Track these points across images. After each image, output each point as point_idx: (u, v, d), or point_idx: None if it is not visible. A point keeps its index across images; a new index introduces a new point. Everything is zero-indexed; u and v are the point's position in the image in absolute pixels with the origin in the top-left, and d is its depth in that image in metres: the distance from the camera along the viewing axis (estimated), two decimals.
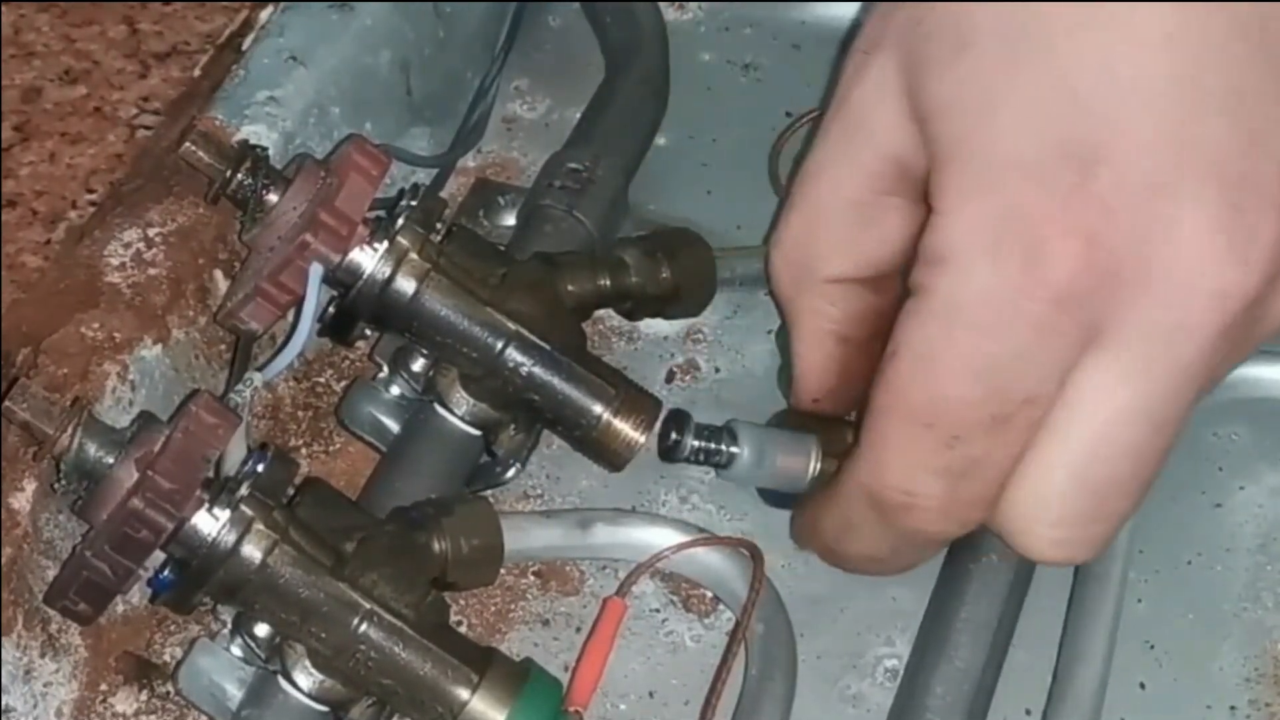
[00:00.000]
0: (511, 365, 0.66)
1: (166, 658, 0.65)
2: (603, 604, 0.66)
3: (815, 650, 0.66)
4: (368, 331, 0.67)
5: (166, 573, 0.60)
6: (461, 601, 0.67)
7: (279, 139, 0.71)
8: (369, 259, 0.65)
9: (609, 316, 0.74)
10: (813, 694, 0.65)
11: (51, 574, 0.61)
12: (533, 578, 0.68)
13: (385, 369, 0.68)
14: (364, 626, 0.60)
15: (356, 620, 0.60)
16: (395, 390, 0.68)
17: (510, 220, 0.75)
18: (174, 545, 0.59)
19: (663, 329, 0.74)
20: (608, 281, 0.69)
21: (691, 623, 0.67)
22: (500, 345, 0.66)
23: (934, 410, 0.58)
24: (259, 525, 0.59)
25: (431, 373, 0.67)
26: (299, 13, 0.74)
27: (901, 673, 0.65)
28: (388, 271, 0.65)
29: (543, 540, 0.68)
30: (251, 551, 0.59)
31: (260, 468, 0.60)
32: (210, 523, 0.59)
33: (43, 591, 0.61)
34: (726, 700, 0.64)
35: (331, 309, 0.66)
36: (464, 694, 0.60)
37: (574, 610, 0.67)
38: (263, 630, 0.60)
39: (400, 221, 0.65)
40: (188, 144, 0.66)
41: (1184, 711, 0.65)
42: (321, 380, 0.73)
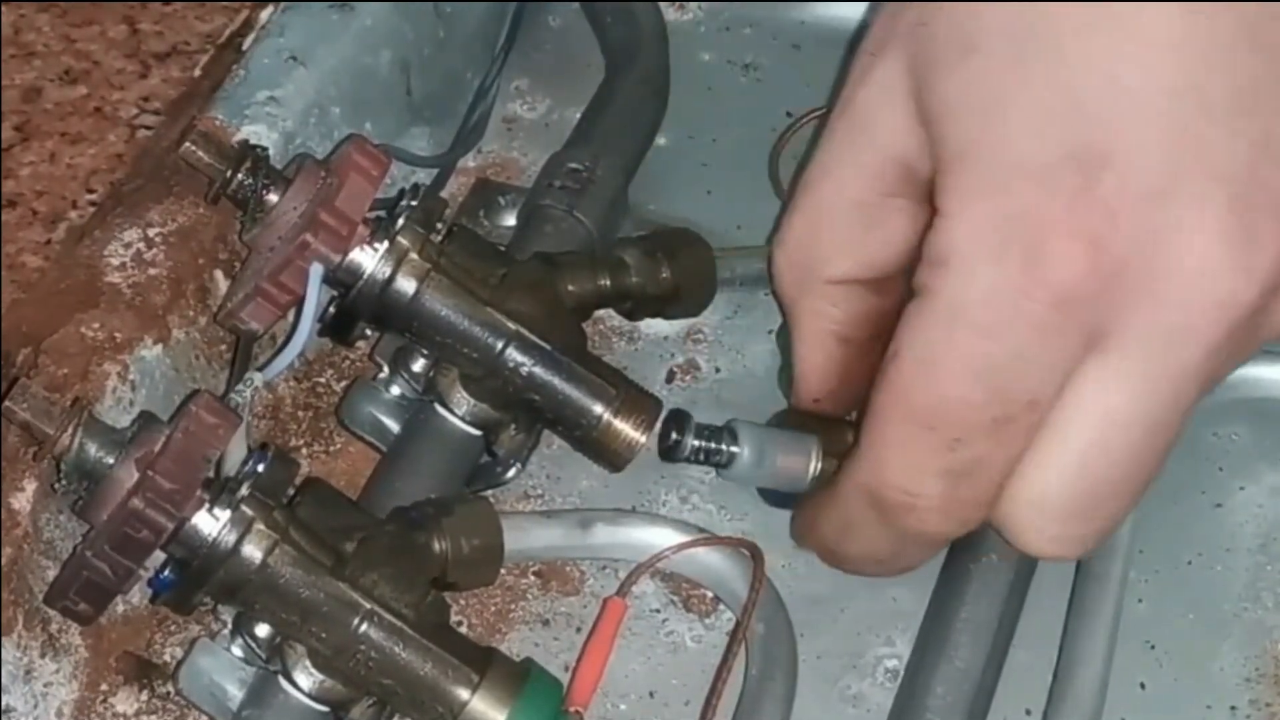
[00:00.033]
0: (512, 365, 0.66)
1: (167, 658, 0.65)
2: (603, 604, 0.66)
3: (816, 650, 0.66)
4: (368, 331, 0.67)
5: (167, 573, 0.60)
6: (462, 601, 0.67)
7: (279, 139, 0.71)
8: (369, 259, 0.65)
9: (609, 316, 0.74)
10: (813, 694, 0.65)
11: (52, 574, 0.61)
12: (533, 578, 0.68)
13: (386, 369, 0.68)
14: (364, 626, 0.60)
15: (357, 620, 0.60)
16: (396, 390, 0.68)
17: (510, 220, 0.75)
18: (174, 545, 0.59)
19: (663, 329, 0.74)
20: (608, 281, 0.69)
21: (692, 623, 0.67)
22: (500, 345, 0.66)
23: (935, 412, 0.58)
24: (259, 525, 0.59)
25: (432, 373, 0.67)
26: (299, 13, 0.74)
27: (902, 673, 0.65)
28: (388, 271, 0.65)
29: (543, 540, 0.67)
30: (252, 551, 0.59)
31: (261, 468, 0.60)
32: (211, 523, 0.59)
33: (43, 591, 0.61)
34: (727, 700, 0.64)
35: (332, 309, 0.66)
36: (464, 694, 0.60)
37: (574, 610, 0.67)
38: (263, 630, 0.60)
39: (400, 221, 0.65)
40: (188, 144, 0.66)
41: (1184, 711, 0.65)
42: (322, 380, 0.73)
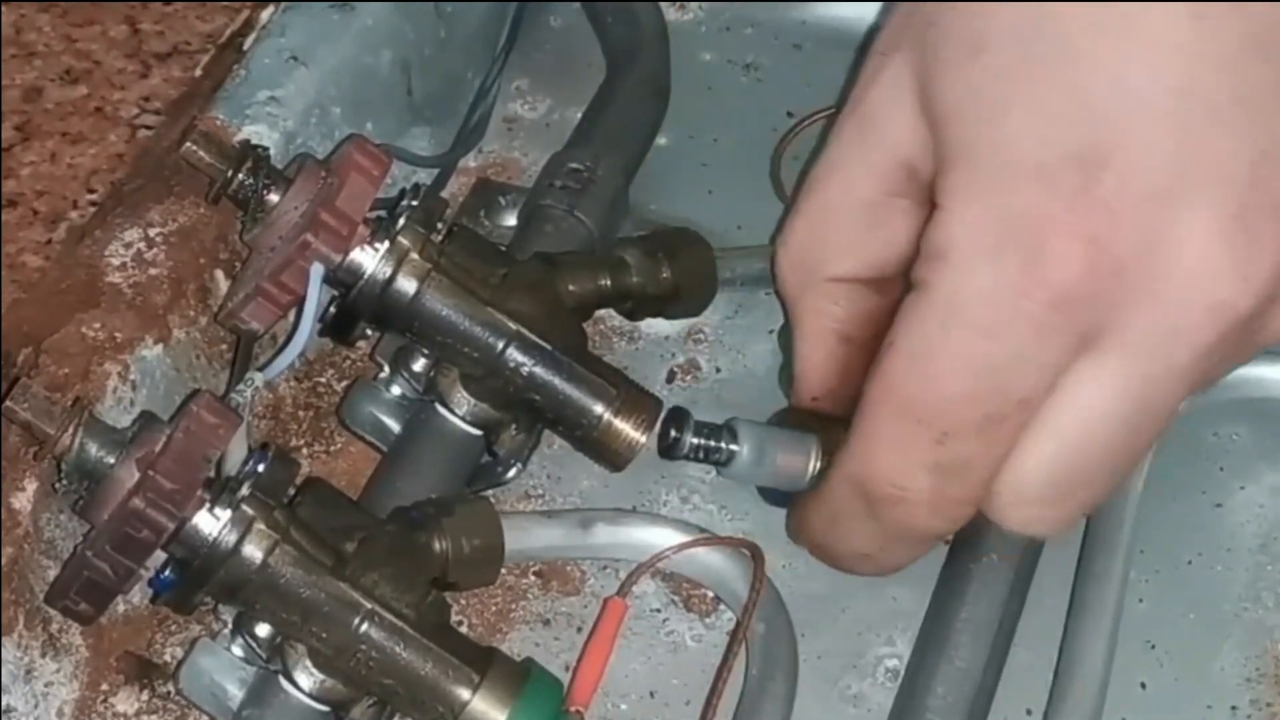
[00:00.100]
0: (512, 365, 0.66)
1: (167, 657, 0.65)
2: (604, 604, 0.66)
3: (816, 650, 0.66)
4: (369, 331, 0.67)
5: (167, 572, 0.60)
6: (462, 601, 0.67)
7: (280, 139, 0.71)
8: (370, 259, 0.65)
9: (610, 316, 0.74)
10: (813, 694, 0.65)
11: (52, 574, 0.61)
12: (534, 577, 0.68)
13: (386, 369, 0.68)
14: (365, 626, 0.60)
15: (357, 620, 0.60)
16: (396, 390, 0.68)
17: (511, 220, 0.75)
18: (175, 545, 0.59)
19: (663, 329, 0.74)
20: (608, 281, 0.69)
21: (692, 622, 0.67)
22: (501, 345, 0.66)
23: (927, 406, 0.58)
24: (260, 525, 0.59)
25: (432, 373, 0.67)
26: (300, 12, 0.74)
27: (902, 673, 0.65)
28: (389, 271, 0.65)
29: (544, 540, 0.68)
30: (252, 551, 0.59)
31: (261, 467, 0.60)
32: (211, 523, 0.59)
33: (44, 591, 0.61)
34: (727, 700, 0.64)
35: (332, 309, 0.66)
36: (465, 694, 0.60)
37: (575, 610, 0.67)
38: (264, 630, 0.60)
39: (401, 221, 0.65)
40: (189, 144, 0.66)
41: (1185, 711, 0.65)
42: (322, 380, 0.73)
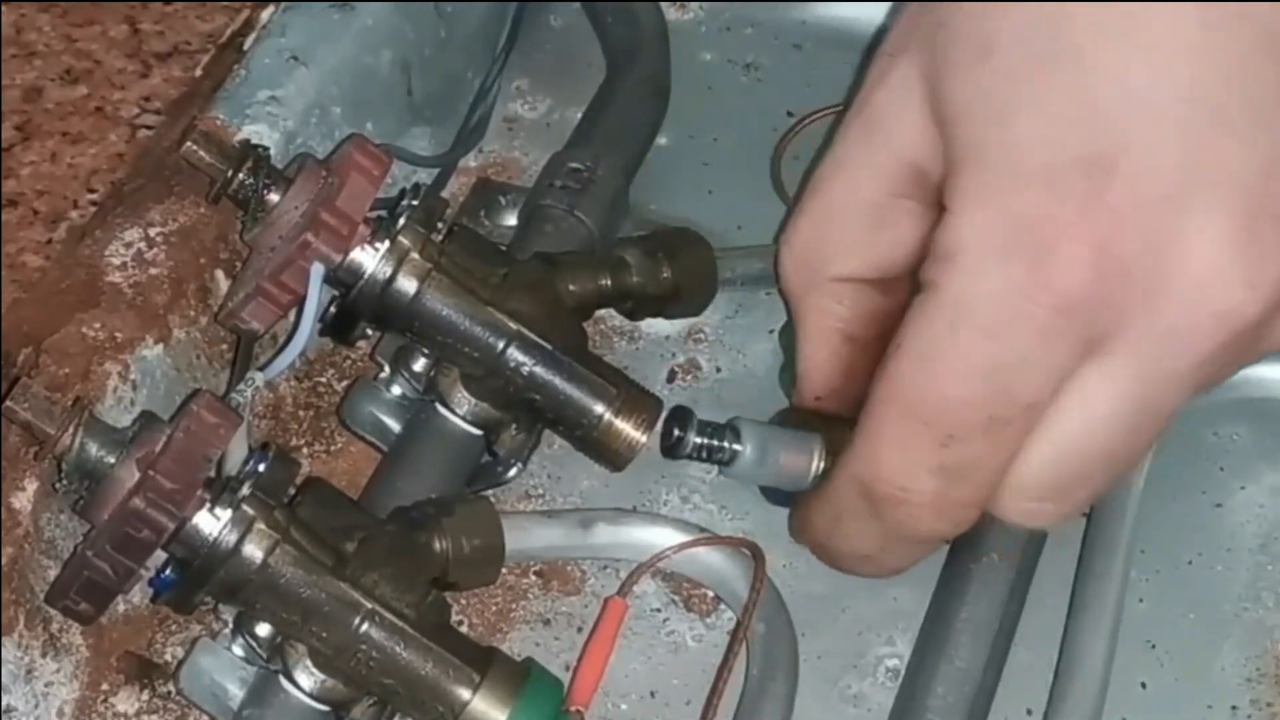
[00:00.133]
0: (513, 365, 0.66)
1: (168, 657, 0.65)
2: (604, 604, 0.66)
3: (816, 650, 0.66)
4: (369, 331, 0.67)
5: (168, 572, 0.60)
6: (463, 601, 0.67)
7: (280, 139, 0.71)
8: (370, 259, 0.65)
9: (610, 316, 0.74)
10: (814, 694, 0.65)
11: (53, 574, 0.61)
12: (534, 577, 0.68)
13: (386, 369, 0.68)
14: (365, 626, 0.60)
15: (358, 620, 0.60)
16: (396, 390, 0.68)
17: (511, 220, 0.75)
18: (175, 545, 0.59)
19: (664, 329, 0.74)
20: (609, 281, 0.69)
21: (693, 622, 0.67)
22: (501, 345, 0.66)
23: (932, 407, 0.58)
24: (260, 525, 0.59)
25: (433, 372, 0.67)
26: (300, 12, 0.74)
27: (902, 673, 0.65)
28: (389, 271, 0.65)
29: (544, 540, 0.68)
30: (253, 551, 0.59)
31: (261, 467, 0.60)
32: (212, 522, 0.59)
33: (44, 591, 0.61)
34: (728, 700, 0.64)
35: (333, 309, 0.66)
36: (465, 694, 0.60)
37: (575, 610, 0.67)
38: (264, 630, 0.60)
39: (401, 221, 0.65)
40: (189, 144, 0.66)
41: (1185, 711, 0.65)
42: (323, 380, 0.73)
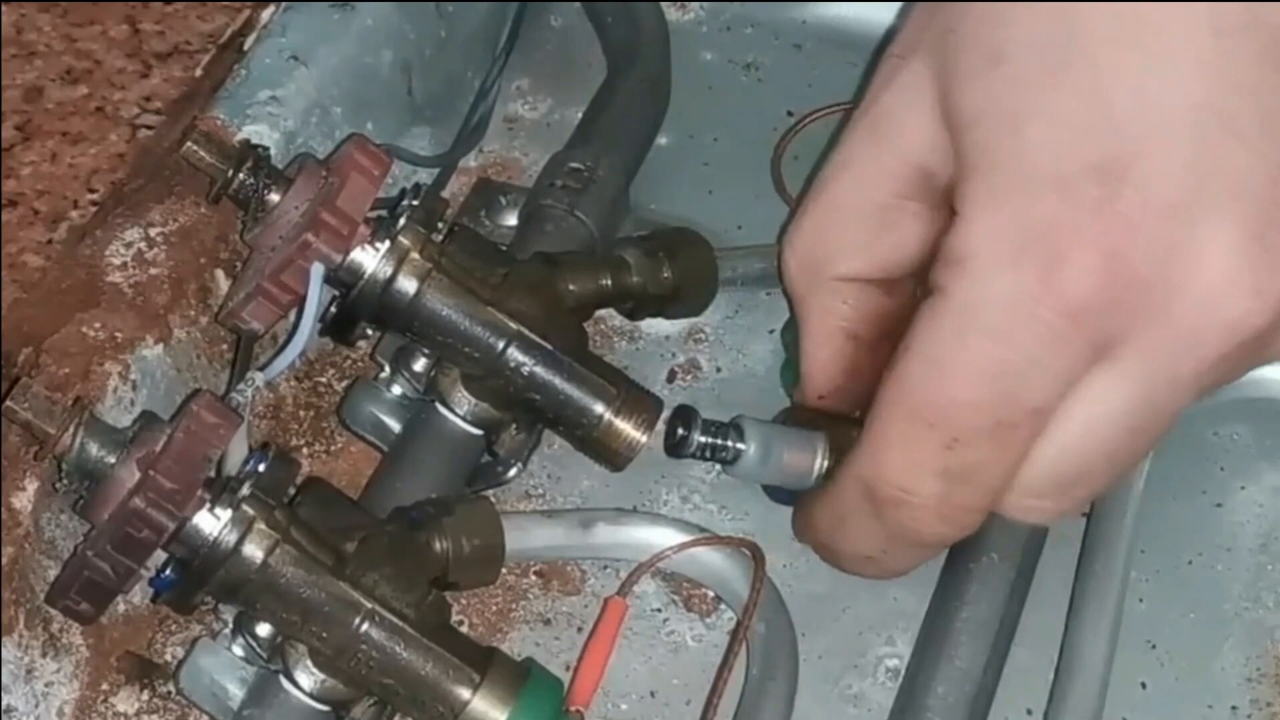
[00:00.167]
0: (513, 365, 0.66)
1: (168, 657, 0.65)
2: (604, 604, 0.66)
3: (816, 650, 0.66)
4: (369, 331, 0.67)
5: (168, 572, 0.60)
6: (463, 601, 0.67)
7: (280, 139, 0.71)
8: (370, 259, 0.65)
9: (610, 316, 0.74)
10: (814, 694, 0.65)
11: (53, 573, 0.61)
12: (534, 577, 0.68)
13: (387, 369, 0.68)
14: (365, 626, 0.60)
15: (358, 620, 0.60)
16: (397, 390, 0.68)
17: (512, 220, 0.75)
18: (175, 545, 0.59)
19: (664, 328, 0.74)
20: (609, 281, 0.69)
21: (693, 622, 0.67)
22: (502, 345, 0.65)
23: (939, 410, 0.58)
24: (260, 525, 0.59)
25: (433, 372, 0.67)
26: (300, 12, 0.74)
27: (903, 673, 0.65)
28: (389, 271, 0.65)
29: (544, 540, 0.68)
30: (253, 551, 0.59)
31: (261, 467, 0.60)
32: (212, 522, 0.59)
33: (44, 591, 0.61)
34: (728, 700, 0.64)
35: (333, 308, 0.66)
36: (465, 694, 0.60)
37: (575, 610, 0.67)
38: (264, 630, 0.60)
39: (402, 221, 0.65)
40: (189, 144, 0.66)
41: (1185, 711, 0.65)
42: (323, 380, 0.73)
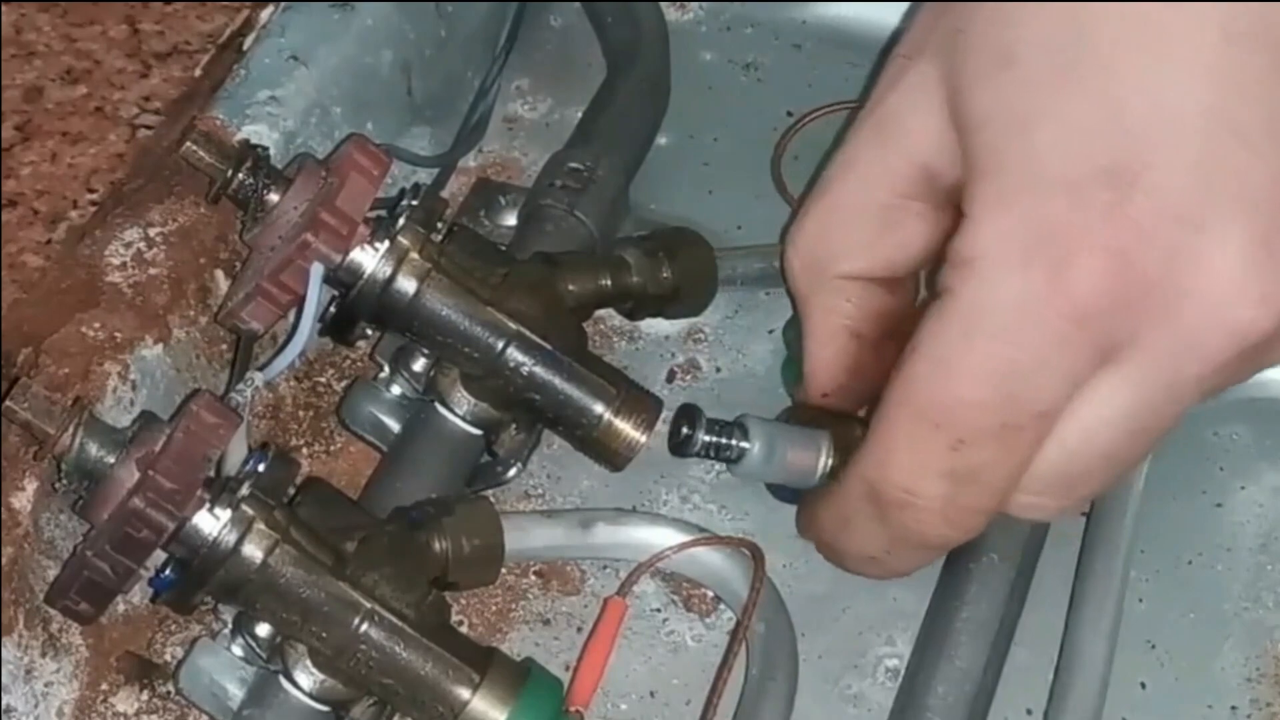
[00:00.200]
0: (512, 365, 0.66)
1: (168, 657, 0.65)
2: (604, 604, 0.66)
3: (816, 650, 0.66)
4: (369, 331, 0.67)
5: (167, 572, 0.60)
6: (462, 601, 0.67)
7: (280, 139, 0.71)
8: (370, 258, 0.65)
9: (610, 316, 0.74)
10: (814, 694, 0.65)
11: (52, 573, 0.61)
12: (534, 577, 0.68)
13: (386, 369, 0.68)
14: (365, 626, 0.60)
15: (357, 620, 0.60)
16: (396, 390, 0.68)
17: (511, 220, 0.75)
18: (175, 545, 0.59)
19: (664, 328, 0.74)
20: (609, 281, 0.69)
21: (692, 622, 0.67)
22: (501, 345, 0.65)
23: (945, 411, 0.58)
24: (260, 525, 0.59)
25: (432, 372, 0.67)
26: (300, 12, 0.74)
27: (902, 672, 0.65)
28: (389, 271, 0.65)
29: (544, 540, 0.67)
30: (252, 551, 0.59)
31: (261, 467, 0.60)
32: (211, 522, 0.59)
33: (44, 591, 0.61)
34: (727, 700, 0.64)
35: (332, 308, 0.66)
36: (465, 694, 0.60)
37: (575, 610, 0.67)
38: (264, 630, 0.60)
39: (401, 221, 0.65)
40: (189, 144, 0.66)
41: (1185, 711, 0.65)
42: (322, 380, 0.73)
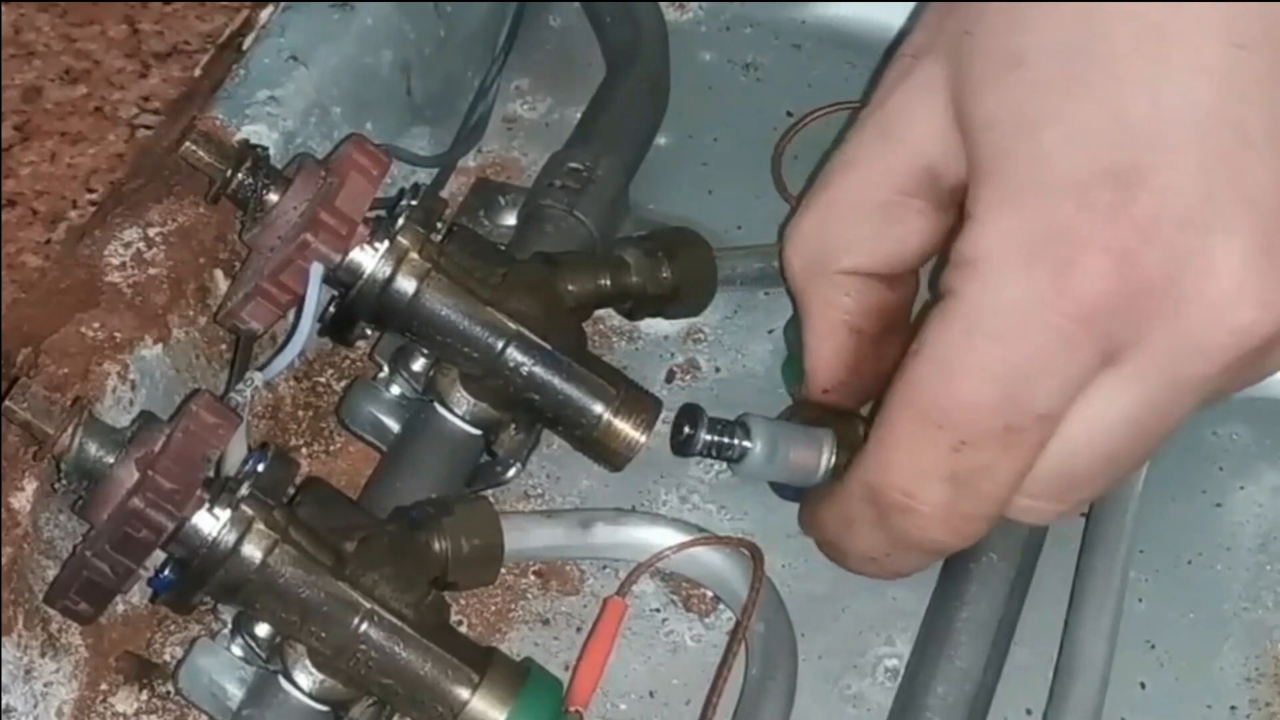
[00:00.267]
0: (512, 365, 0.66)
1: (167, 657, 0.65)
2: (603, 604, 0.66)
3: (816, 650, 0.66)
4: (368, 331, 0.67)
5: (167, 572, 0.60)
6: (462, 601, 0.67)
7: (279, 139, 0.71)
8: (369, 258, 0.65)
9: (609, 316, 0.74)
10: (813, 694, 0.65)
11: (52, 574, 0.61)
12: (533, 577, 0.68)
13: (385, 368, 0.68)
14: (364, 626, 0.60)
15: (357, 620, 0.60)
16: (395, 390, 0.68)
17: (511, 220, 0.75)
18: (174, 545, 0.59)
19: (663, 328, 0.74)
20: (608, 281, 0.69)
21: (692, 622, 0.67)
22: (501, 345, 0.65)
23: (947, 413, 0.58)
24: (259, 525, 0.59)
25: (432, 372, 0.67)
26: (300, 12, 0.74)
27: (902, 672, 0.65)
28: (388, 271, 0.65)
29: (543, 540, 0.67)
30: (252, 551, 0.59)
31: (260, 467, 0.60)
32: (211, 522, 0.59)
33: (43, 591, 0.61)
34: (727, 700, 0.64)
35: (332, 308, 0.66)
36: (464, 693, 0.60)
37: (574, 610, 0.67)
38: (263, 630, 0.60)
39: (401, 221, 0.65)
40: (188, 144, 0.66)
41: (1184, 711, 0.65)
42: (322, 380, 0.73)
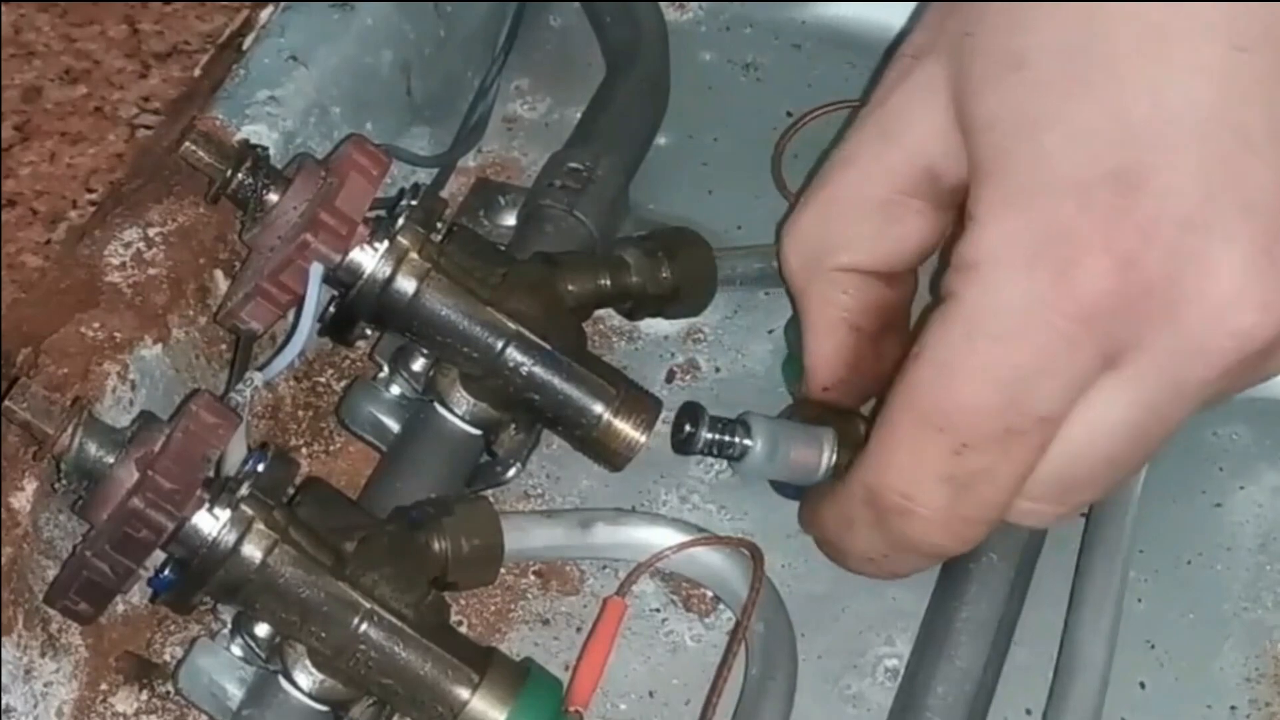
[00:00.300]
0: (512, 365, 0.66)
1: (167, 657, 0.65)
2: (603, 604, 0.66)
3: (816, 650, 0.66)
4: (368, 331, 0.67)
5: (167, 572, 0.60)
6: (462, 601, 0.67)
7: (279, 139, 0.71)
8: (369, 258, 0.65)
9: (609, 316, 0.74)
10: (813, 694, 0.65)
11: (52, 574, 0.61)
12: (533, 577, 0.68)
13: (385, 368, 0.68)
14: (364, 626, 0.60)
15: (356, 620, 0.60)
16: (395, 390, 0.68)
17: (511, 220, 0.75)
18: (174, 545, 0.59)
19: (663, 328, 0.74)
20: (608, 281, 0.69)
21: (692, 622, 0.67)
22: (501, 345, 0.65)
23: (948, 415, 0.58)
24: (259, 525, 0.59)
25: (432, 372, 0.67)
26: (300, 12, 0.74)
27: (902, 672, 0.65)
28: (388, 271, 0.65)
29: (543, 540, 0.67)
30: (252, 551, 0.59)
31: (260, 467, 0.60)
32: (210, 522, 0.59)
33: (43, 591, 0.61)
34: (727, 700, 0.64)
35: (332, 308, 0.66)
36: (464, 694, 0.60)
37: (574, 610, 0.67)
38: (263, 630, 0.60)
39: (400, 221, 0.65)
40: (188, 144, 0.66)
41: (1184, 711, 0.65)
42: (322, 380, 0.73)
